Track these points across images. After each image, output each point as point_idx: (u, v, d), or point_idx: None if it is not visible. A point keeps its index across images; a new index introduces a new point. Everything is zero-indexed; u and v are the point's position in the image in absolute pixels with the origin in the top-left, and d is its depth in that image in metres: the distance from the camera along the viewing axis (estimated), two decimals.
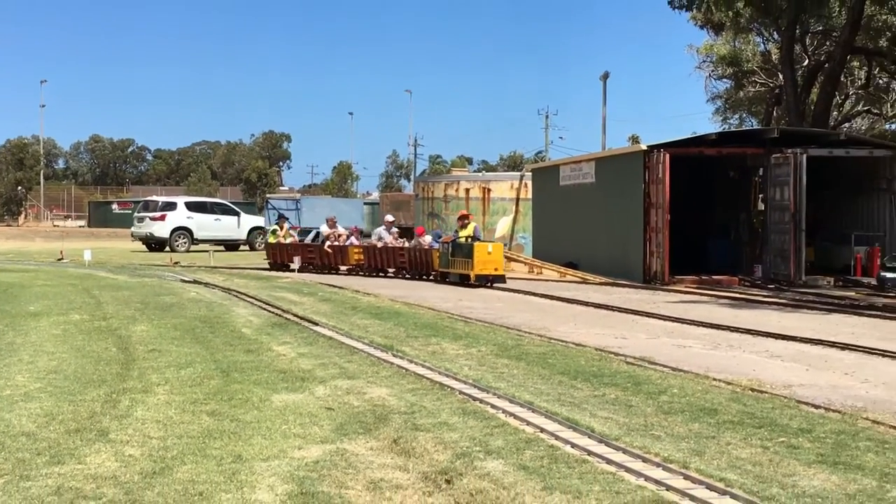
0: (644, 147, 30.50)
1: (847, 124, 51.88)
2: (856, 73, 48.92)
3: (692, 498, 7.28)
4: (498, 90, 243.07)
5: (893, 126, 51.03)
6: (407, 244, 32.98)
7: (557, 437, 9.20)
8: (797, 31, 43.05)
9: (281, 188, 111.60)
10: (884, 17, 42.69)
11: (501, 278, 27.98)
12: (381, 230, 34.23)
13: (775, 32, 45.95)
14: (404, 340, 16.09)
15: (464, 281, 27.78)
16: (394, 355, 14.46)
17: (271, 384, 11.97)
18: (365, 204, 64.49)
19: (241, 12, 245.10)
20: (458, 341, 16.14)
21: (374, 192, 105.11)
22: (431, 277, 30.12)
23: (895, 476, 7.91)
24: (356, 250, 33.23)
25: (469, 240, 28.58)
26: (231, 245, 52.80)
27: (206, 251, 48.50)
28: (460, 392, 11.52)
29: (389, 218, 35.61)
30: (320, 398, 11.12)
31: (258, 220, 53.96)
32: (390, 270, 32.34)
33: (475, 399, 11.08)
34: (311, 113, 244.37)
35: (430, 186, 48.01)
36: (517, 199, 42.19)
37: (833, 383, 12.50)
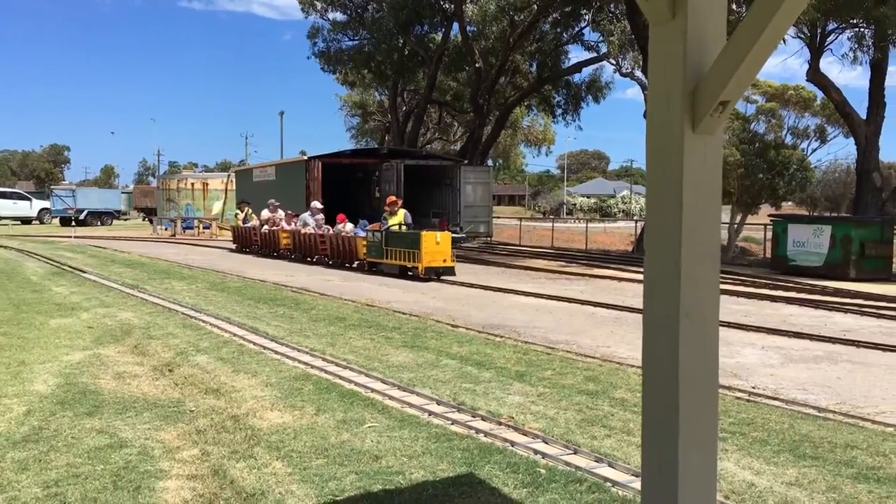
0: (306, 157, 30.16)
1: (429, 146, 53.42)
2: (433, 115, 50.53)
3: (325, 371, 7.37)
4: (215, 117, 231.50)
5: (455, 147, 53.20)
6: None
7: (244, 339, 9.02)
8: (399, 89, 44.20)
9: (63, 182, 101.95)
10: (448, 82, 44.58)
11: (451, 270, 16.46)
12: (306, 216, 22.09)
13: (386, 89, 46.74)
14: (147, 281, 15.18)
15: (403, 273, 16.51)
16: (139, 291, 13.63)
17: (49, 313, 10.95)
18: (122, 193, 60.35)
19: (31, 57, 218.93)
20: (184, 281, 15.43)
21: (131, 185, 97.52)
22: (355, 266, 18.69)
23: (446, 351, 8.36)
24: (284, 235, 22.44)
25: (402, 227, 17.34)
26: (25, 220, 48.15)
27: (7, 224, 44.39)
28: (182, 313, 11.04)
29: (317, 205, 22.65)
30: (84, 321, 10.31)
31: (45, 204, 49.88)
32: (312, 258, 21.01)
33: (192, 317, 10.66)
34: (86, 130, 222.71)
35: (168, 181, 45.55)
36: (226, 190, 40.68)
37: (416, 300, 13.01)
